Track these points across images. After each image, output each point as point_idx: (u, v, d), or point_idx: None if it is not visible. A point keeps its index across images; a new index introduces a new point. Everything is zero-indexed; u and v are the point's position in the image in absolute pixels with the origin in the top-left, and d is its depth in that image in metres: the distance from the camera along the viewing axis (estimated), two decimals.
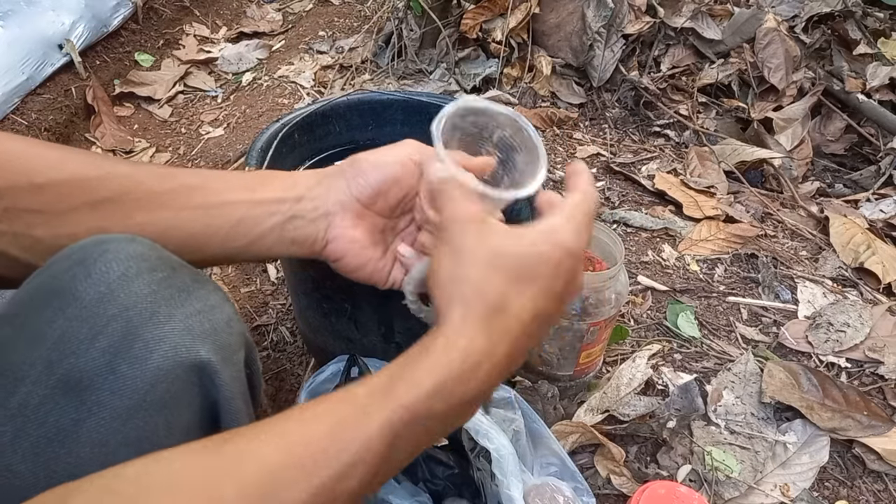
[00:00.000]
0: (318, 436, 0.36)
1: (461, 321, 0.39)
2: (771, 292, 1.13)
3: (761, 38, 1.52)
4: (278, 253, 0.50)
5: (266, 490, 0.33)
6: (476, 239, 0.41)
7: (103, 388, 0.39)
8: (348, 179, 0.50)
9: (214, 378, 0.42)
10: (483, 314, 0.39)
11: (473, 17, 1.57)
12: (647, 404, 0.90)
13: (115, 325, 0.40)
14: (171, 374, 0.41)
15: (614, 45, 1.53)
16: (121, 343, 0.40)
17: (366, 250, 0.51)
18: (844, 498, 0.85)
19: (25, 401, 0.39)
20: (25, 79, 1.47)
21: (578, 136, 1.51)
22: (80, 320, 0.40)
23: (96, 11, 1.67)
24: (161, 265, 0.43)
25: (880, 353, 1.00)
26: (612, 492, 0.83)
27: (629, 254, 1.19)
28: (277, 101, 1.63)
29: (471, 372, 0.38)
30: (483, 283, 0.39)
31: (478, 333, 0.39)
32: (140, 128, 1.62)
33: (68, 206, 0.44)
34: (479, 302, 0.39)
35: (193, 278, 0.44)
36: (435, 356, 0.38)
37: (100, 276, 0.41)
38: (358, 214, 0.50)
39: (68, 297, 0.40)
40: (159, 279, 0.42)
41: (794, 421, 0.91)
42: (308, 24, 1.98)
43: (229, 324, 0.44)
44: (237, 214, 0.48)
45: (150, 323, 0.41)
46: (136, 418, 0.40)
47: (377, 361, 0.81)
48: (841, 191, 1.45)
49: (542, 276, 0.40)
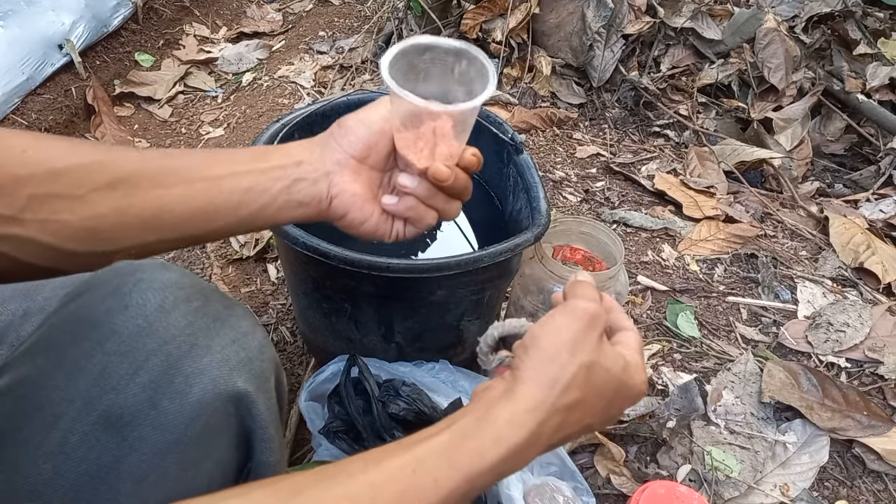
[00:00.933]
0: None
1: (540, 401, 0.42)
2: (771, 292, 1.13)
3: (761, 38, 1.52)
4: (288, 217, 0.51)
5: None
6: (592, 343, 0.45)
7: (145, 424, 0.40)
8: (338, 139, 0.52)
9: (251, 408, 0.44)
10: (558, 407, 0.43)
11: (473, 17, 1.57)
12: (647, 404, 0.90)
13: (155, 359, 0.40)
14: (210, 407, 0.41)
15: (614, 46, 1.53)
16: (162, 378, 0.40)
17: (367, 203, 0.52)
18: (844, 498, 0.85)
19: (66, 438, 0.38)
20: (25, 79, 1.47)
21: (578, 136, 1.51)
22: (119, 355, 0.40)
23: (96, 11, 1.67)
24: (195, 294, 0.44)
25: (880, 353, 1.00)
26: (611, 491, 0.83)
27: (629, 254, 1.19)
28: (277, 101, 1.64)
29: (525, 451, 0.42)
30: (573, 382, 0.43)
31: (547, 420, 0.42)
32: (140, 128, 1.62)
33: (88, 188, 0.43)
34: (561, 395, 0.43)
35: (225, 304, 0.46)
36: (501, 429, 0.41)
37: (137, 309, 0.41)
38: (354, 170, 0.52)
39: (106, 331, 0.40)
40: (195, 309, 0.43)
41: (793, 421, 0.91)
42: (308, 24, 1.98)
43: (262, 350, 0.46)
44: (245, 182, 0.48)
45: (190, 356, 0.41)
46: (175, 452, 0.40)
47: (377, 361, 0.82)
48: (841, 191, 1.45)
49: (613, 401, 0.46)
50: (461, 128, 0.50)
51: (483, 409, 0.42)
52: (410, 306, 0.77)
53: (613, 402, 0.46)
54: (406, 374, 0.81)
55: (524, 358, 0.44)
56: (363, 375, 0.76)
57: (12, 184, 0.41)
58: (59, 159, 0.43)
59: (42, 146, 0.43)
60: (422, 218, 0.53)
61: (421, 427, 0.77)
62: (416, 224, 0.54)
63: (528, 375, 0.43)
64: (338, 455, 0.76)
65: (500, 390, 0.43)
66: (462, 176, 0.51)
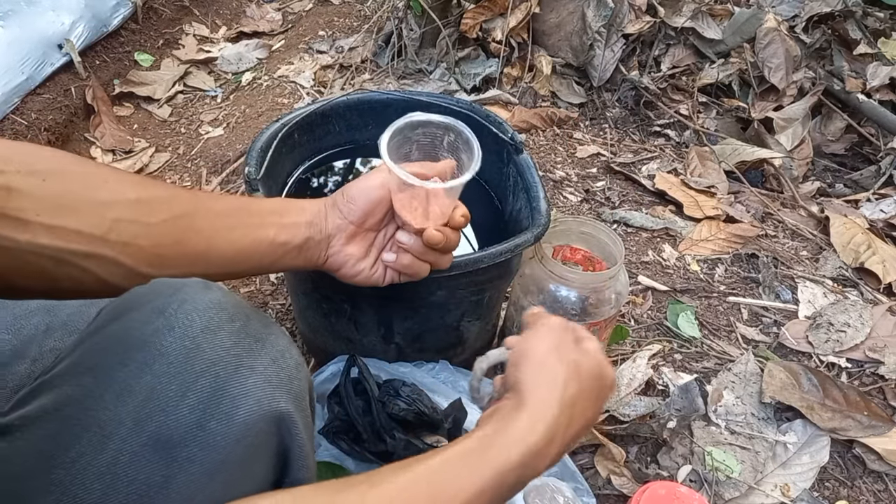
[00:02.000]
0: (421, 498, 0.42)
1: (549, 401, 0.48)
2: (771, 292, 1.13)
3: (761, 38, 1.52)
4: (291, 266, 0.59)
5: None
6: (571, 344, 0.53)
7: (193, 445, 0.40)
8: (341, 206, 0.59)
9: (292, 428, 0.45)
10: (564, 402, 0.48)
11: (473, 17, 1.57)
12: (648, 404, 0.90)
13: (203, 381, 0.42)
14: (255, 428, 0.42)
15: (614, 45, 1.53)
16: (210, 399, 0.41)
17: (359, 262, 0.60)
18: (845, 498, 0.85)
19: (115, 458, 0.39)
20: (25, 79, 1.46)
21: (578, 135, 1.51)
22: (168, 377, 0.41)
23: (96, 11, 1.67)
24: (237, 314, 0.46)
25: (880, 353, 1.00)
26: (612, 492, 0.83)
27: (629, 254, 1.19)
28: (277, 100, 1.63)
29: (545, 449, 0.47)
30: (569, 378, 0.50)
31: (559, 416, 0.48)
32: (140, 128, 1.62)
33: (159, 218, 0.49)
34: (564, 391, 0.49)
35: (264, 323, 0.47)
36: (522, 430, 0.46)
37: (183, 330, 0.42)
38: (352, 234, 0.59)
39: (154, 352, 0.41)
40: (238, 329, 0.45)
41: (794, 421, 0.91)
42: (308, 24, 1.98)
43: (298, 368, 0.48)
44: (272, 234, 0.56)
45: (236, 377, 0.43)
46: (222, 472, 0.41)
47: (377, 361, 0.81)
48: (841, 191, 1.45)
49: (601, 391, 0.53)
50: (452, 192, 0.57)
51: (501, 421, 0.47)
52: (410, 307, 0.77)
53: (601, 393, 0.53)
54: (406, 374, 0.80)
55: (519, 373, 0.51)
56: (363, 376, 0.76)
57: (100, 208, 0.46)
58: (134, 191, 0.48)
59: (119, 178, 0.49)
60: (417, 271, 0.61)
61: (421, 427, 0.77)
62: (411, 276, 0.62)
63: (530, 384, 0.49)
64: (337, 455, 0.76)
65: (510, 404, 0.49)
66: (452, 237, 0.58)
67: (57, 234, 0.44)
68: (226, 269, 0.54)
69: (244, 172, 0.74)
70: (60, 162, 0.46)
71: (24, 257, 0.44)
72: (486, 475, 0.44)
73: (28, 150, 0.45)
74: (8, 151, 0.44)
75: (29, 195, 0.43)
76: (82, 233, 0.45)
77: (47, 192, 0.44)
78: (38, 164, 0.45)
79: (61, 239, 0.44)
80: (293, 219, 0.57)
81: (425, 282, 0.64)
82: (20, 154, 0.44)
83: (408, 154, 0.60)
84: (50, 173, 0.45)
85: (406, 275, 0.62)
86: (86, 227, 0.45)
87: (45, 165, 0.45)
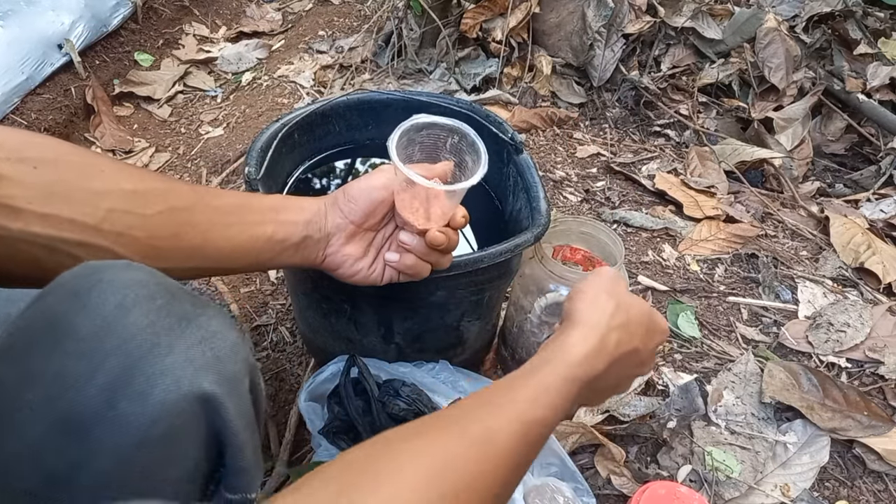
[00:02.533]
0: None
1: (598, 321, 0.54)
2: (771, 292, 1.13)
3: (762, 38, 1.52)
4: (288, 264, 0.59)
5: None
6: (622, 289, 0.59)
7: (104, 427, 0.38)
8: (342, 205, 0.59)
9: (220, 411, 0.42)
10: (612, 325, 0.55)
11: (473, 17, 1.57)
12: (648, 404, 0.90)
13: (113, 360, 0.39)
14: (174, 409, 0.40)
15: (614, 45, 1.53)
16: (120, 378, 0.39)
17: (357, 262, 0.60)
18: (845, 498, 0.85)
19: (23, 444, 0.37)
20: (25, 79, 1.47)
21: (578, 135, 1.51)
22: (77, 356, 0.39)
23: (96, 11, 1.67)
24: (159, 291, 0.43)
25: (880, 353, 1.00)
26: (612, 492, 0.83)
27: (629, 254, 1.19)
28: (277, 100, 1.63)
29: (596, 358, 0.52)
30: (619, 309, 0.56)
31: (608, 334, 0.54)
32: (140, 128, 1.62)
33: (155, 210, 0.49)
34: (613, 317, 0.55)
35: (194, 303, 0.44)
36: (574, 339, 0.53)
37: (95, 309, 0.40)
38: (351, 234, 0.59)
39: (63, 332, 0.39)
40: (158, 307, 0.42)
41: (794, 421, 0.91)
42: (308, 24, 1.98)
43: (234, 350, 0.45)
44: (269, 231, 0.55)
45: (151, 356, 0.40)
46: (139, 456, 0.39)
47: (377, 361, 0.81)
48: (841, 191, 1.45)
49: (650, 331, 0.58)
50: (456, 195, 0.58)
51: (555, 339, 0.54)
52: (410, 307, 0.77)
53: (650, 333, 0.58)
54: (406, 374, 0.80)
55: (573, 305, 0.57)
56: (363, 376, 0.76)
57: (94, 197, 0.45)
58: (130, 182, 0.48)
59: (116, 168, 0.48)
60: (419, 272, 0.61)
61: None
62: (412, 276, 0.62)
63: (582, 311, 0.56)
64: None
65: (564, 326, 0.55)
66: (454, 237, 0.59)
67: (49, 223, 0.43)
68: (222, 263, 0.54)
69: (244, 172, 0.74)
70: (54, 150, 0.46)
71: (15, 245, 0.43)
72: (549, 381, 0.49)
73: (20, 137, 0.45)
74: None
75: (19, 182, 0.42)
76: (75, 221, 0.44)
77: (39, 180, 0.43)
78: (30, 151, 0.44)
79: (54, 227, 0.43)
80: (292, 217, 0.57)
81: (425, 282, 0.64)
82: (11, 140, 0.43)
83: (410, 155, 0.60)
84: (42, 161, 0.44)
85: (407, 275, 0.62)
86: (79, 215, 0.44)
87: (36, 153, 0.44)
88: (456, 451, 0.42)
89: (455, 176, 0.61)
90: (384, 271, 0.62)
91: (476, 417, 0.46)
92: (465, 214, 0.59)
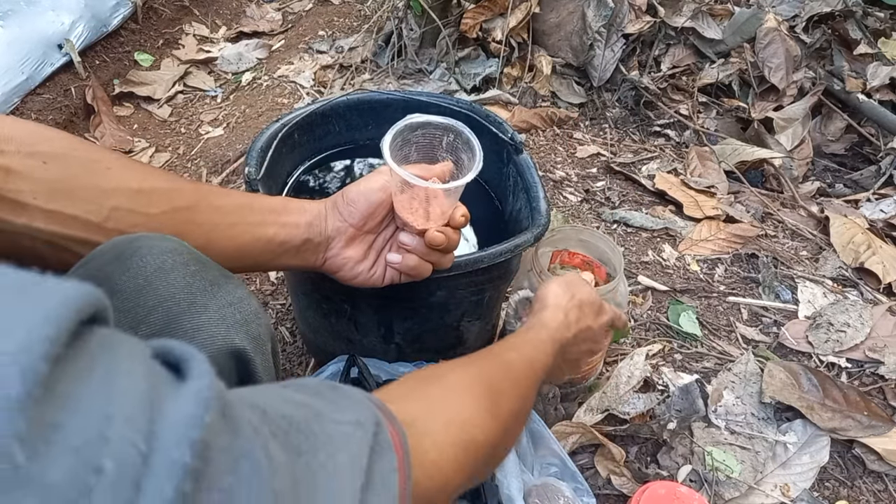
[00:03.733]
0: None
1: (562, 301, 0.68)
2: (771, 292, 1.13)
3: (762, 38, 1.52)
4: (289, 266, 0.60)
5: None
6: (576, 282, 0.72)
7: None
8: (341, 209, 0.59)
9: (249, 365, 0.45)
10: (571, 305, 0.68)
11: (473, 17, 1.57)
12: (647, 401, 0.90)
13: (155, 315, 0.42)
14: (211, 362, 0.42)
15: (614, 45, 1.53)
16: (161, 332, 0.42)
17: (358, 265, 0.61)
18: (844, 498, 0.85)
19: None
20: (25, 79, 1.47)
21: (578, 135, 1.51)
22: (121, 312, 0.41)
23: (96, 11, 1.67)
24: (192, 260, 0.46)
25: (880, 353, 1.00)
26: (612, 492, 0.83)
27: (629, 254, 1.19)
28: (277, 100, 1.63)
29: (563, 332, 0.65)
30: (574, 293, 0.69)
31: (568, 312, 0.67)
32: (140, 128, 1.62)
33: (159, 209, 0.49)
34: (570, 299, 0.68)
35: (221, 273, 0.48)
36: (548, 314, 0.66)
37: (137, 270, 0.43)
38: (351, 237, 0.60)
39: (108, 290, 0.40)
40: (192, 272, 0.45)
41: (794, 421, 0.91)
42: (308, 24, 1.98)
43: (257, 315, 0.49)
44: (271, 233, 0.56)
45: (189, 312, 0.43)
46: None
47: (377, 362, 0.81)
48: (841, 191, 1.45)
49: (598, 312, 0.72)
50: (453, 193, 0.58)
51: (535, 315, 0.67)
52: (410, 307, 0.77)
53: (598, 314, 0.71)
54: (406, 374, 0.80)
55: (542, 294, 0.69)
56: (363, 376, 0.76)
57: (99, 195, 0.46)
58: (136, 181, 0.48)
59: (123, 166, 0.49)
60: (420, 272, 0.62)
61: None
62: (413, 276, 0.62)
63: (549, 298, 0.68)
64: None
65: (537, 307, 0.68)
66: (454, 237, 0.59)
67: (54, 219, 0.43)
68: (225, 263, 0.55)
69: (244, 172, 0.74)
70: (64, 145, 0.46)
71: (19, 241, 0.43)
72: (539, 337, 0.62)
73: (32, 131, 0.45)
74: (11, 131, 0.43)
75: (28, 177, 0.42)
76: (79, 219, 0.45)
77: (47, 176, 0.43)
78: (41, 145, 0.44)
79: (58, 224, 0.44)
80: (293, 219, 0.57)
81: (425, 282, 0.64)
82: (23, 134, 0.44)
83: (407, 155, 0.60)
84: (51, 156, 0.44)
85: (409, 276, 0.62)
86: (83, 213, 0.45)
87: (47, 148, 0.44)
88: (489, 370, 0.52)
89: (453, 175, 0.61)
90: (385, 273, 0.63)
91: (498, 354, 0.57)
92: (464, 213, 0.59)
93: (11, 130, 0.43)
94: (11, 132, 0.43)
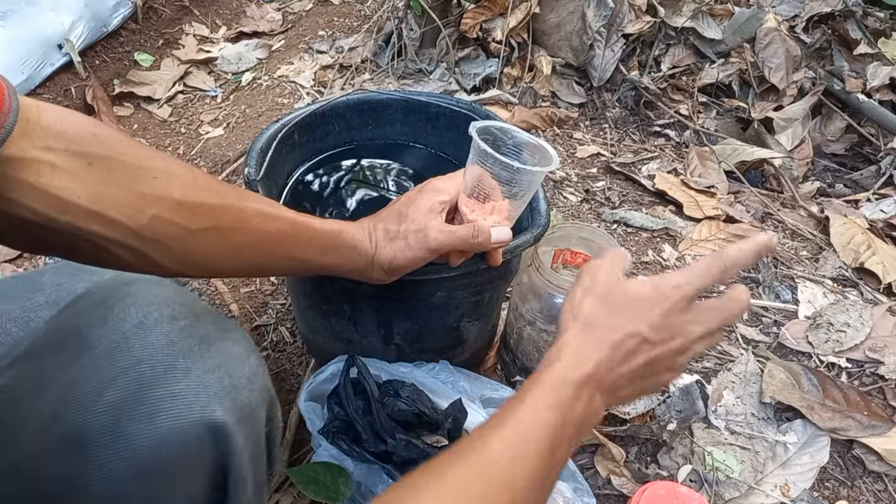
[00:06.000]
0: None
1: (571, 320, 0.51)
2: (771, 292, 1.13)
3: (762, 38, 1.52)
4: None
5: None
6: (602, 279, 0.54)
7: (107, 447, 0.37)
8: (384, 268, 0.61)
9: (229, 441, 0.42)
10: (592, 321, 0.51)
11: (473, 17, 1.57)
12: (647, 401, 0.90)
13: (125, 378, 0.39)
14: (183, 436, 0.39)
15: (614, 45, 1.53)
16: (130, 399, 0.38)
17: None
18: (845, 498, 0.85)
19: (28, 452, 0.37)
20: (25, 79, 1.47)
21: (578, 135, 1.51)
22: (90, 370, 0.38)
23: (96, 11, 1.67)
24: (184, 312, 0.43)
25: (880, 353, 1.00)
26: (612, 492, 0.83)
27: (629, 254, 1.19)
28: (277, 100, 1.63)
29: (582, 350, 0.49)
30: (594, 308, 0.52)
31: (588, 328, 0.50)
32: (140, 128, 1.62)
33: (199, 225, 0.47)
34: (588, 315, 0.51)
35: (218, 327, 0.45)
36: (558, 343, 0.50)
37: (115, 324, 0.40)
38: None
39: (83, 344, 0.39)
40: (180, 328, 0.42)
41: (794, 421, 0.91)
42: (308, 24, 1.98)
43: (251, 379, 0.45)
44: (309, 259, 0.56)
45: (165, 378, 0.40)
46: (139, 481, 0.38)
47: (377, 362, 0.81)
48: (841, 191, 1.45)
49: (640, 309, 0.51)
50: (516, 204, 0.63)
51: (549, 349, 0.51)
52: (410, 308, 0.77)
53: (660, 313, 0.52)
54: (406, 374, 0.80)
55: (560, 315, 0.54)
56: (362, 376, 0.76)
57: (140, 201, 0.44)
58: (180, 191, 0.47)
59: (170, 175, 0.47)
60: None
61: (421, 428, 0.77)
62: None
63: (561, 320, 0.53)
64: (337, 456, 0.76)
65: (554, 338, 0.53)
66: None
67: (95, 220, 0.43)
68: (247, 274, 0.54)
69: (244, 173, 0.74)
70: (114, 148, 0.45)
71: (60, 237, 0.43)
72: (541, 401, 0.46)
73: (86, 128, 0.44)
74: (65, 125, 0.42)
75: (73, 176, 0.42)
76: (119, 223, 0.44)
77: (91, 177, 0.42)
78: (90, 145, 0.43)
79: (98, 225, 0.43)
80: (336, 262, 0.58)
81: (425, 283, 0.64)
82: (76, 131, 0.42)
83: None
84: (98, 158, 0.43)
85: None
86: (123, 217, 0.44)
87: (96, 149, 0.43)
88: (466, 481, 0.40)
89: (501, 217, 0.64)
90: None
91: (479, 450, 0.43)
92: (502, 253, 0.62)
93: (65, 125, 0.42)
94: (65, 127, 0.42)
